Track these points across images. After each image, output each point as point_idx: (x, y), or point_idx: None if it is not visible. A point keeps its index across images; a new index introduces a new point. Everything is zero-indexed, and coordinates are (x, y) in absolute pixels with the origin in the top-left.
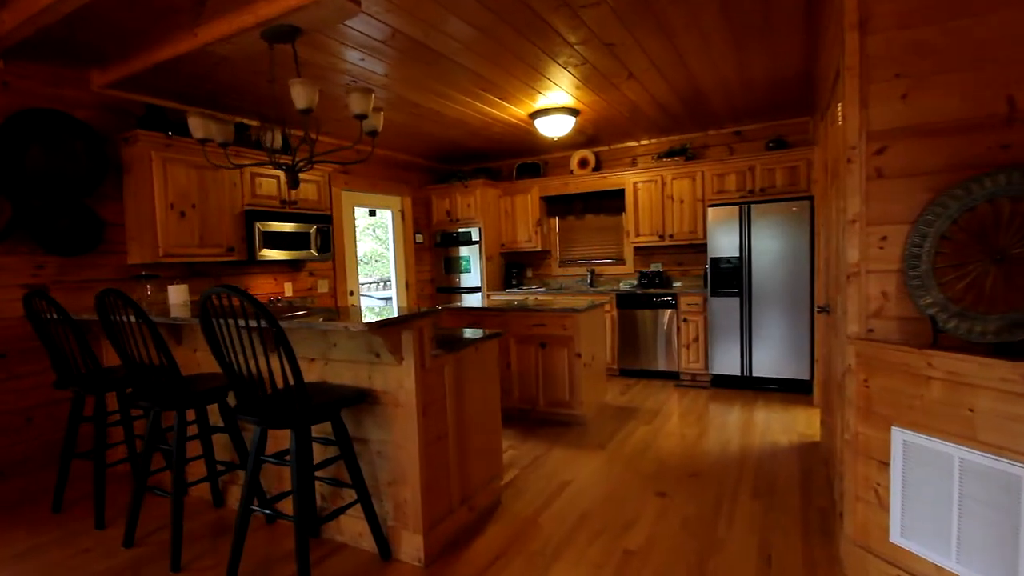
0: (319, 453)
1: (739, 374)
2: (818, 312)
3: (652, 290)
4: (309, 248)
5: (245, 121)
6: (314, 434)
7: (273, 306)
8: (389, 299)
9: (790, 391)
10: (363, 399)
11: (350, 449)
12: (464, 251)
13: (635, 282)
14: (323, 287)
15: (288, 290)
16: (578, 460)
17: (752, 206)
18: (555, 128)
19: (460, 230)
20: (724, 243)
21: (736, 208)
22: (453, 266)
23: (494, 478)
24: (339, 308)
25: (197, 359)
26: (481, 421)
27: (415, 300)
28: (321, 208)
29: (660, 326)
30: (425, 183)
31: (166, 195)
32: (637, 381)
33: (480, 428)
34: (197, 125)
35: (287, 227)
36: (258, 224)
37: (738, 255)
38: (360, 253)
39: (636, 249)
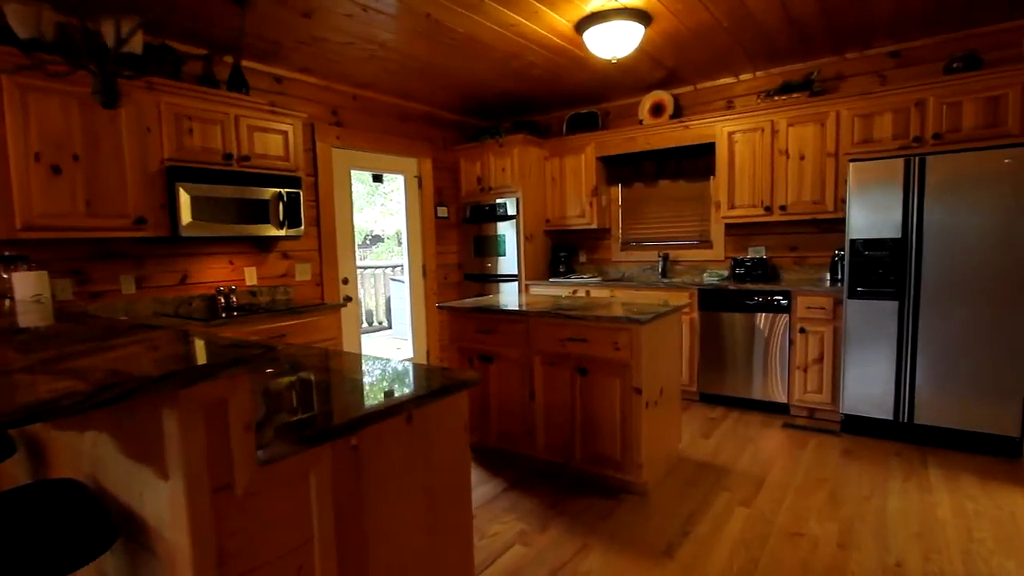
0: None
1: (890, 418)
2: None
3: (750, 285)
4: (267, 221)
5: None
6: None
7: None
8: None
9: (982, 451)
10: (116, 536)
11: None
12: (501, 228)
13: (725, 272)
14: (303, 274)
15: (251, 277)
16: None
17: (927, 160)
18: (613, 43)
19: (496, 201)
20: (872, 218)
21: (899, 163)
22: (485, 247)
23: None
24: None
25: None
26: (423, 560)
27: (435, 290)
28: (290, 168)
29: (760, 336)
30: (454, 142)
31: (26, 141)
32: (725, 413)
33: (422, 572)
34: None
35: (230, 191)
36: (181, 186)
37: (899, 235)
38: (392, 231)
39: (728, 227)
